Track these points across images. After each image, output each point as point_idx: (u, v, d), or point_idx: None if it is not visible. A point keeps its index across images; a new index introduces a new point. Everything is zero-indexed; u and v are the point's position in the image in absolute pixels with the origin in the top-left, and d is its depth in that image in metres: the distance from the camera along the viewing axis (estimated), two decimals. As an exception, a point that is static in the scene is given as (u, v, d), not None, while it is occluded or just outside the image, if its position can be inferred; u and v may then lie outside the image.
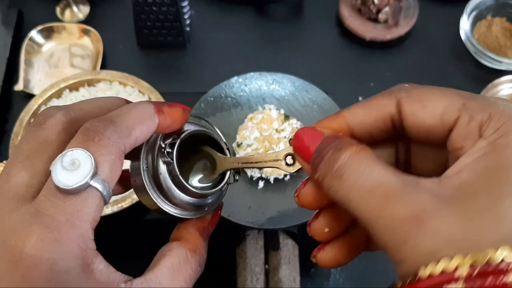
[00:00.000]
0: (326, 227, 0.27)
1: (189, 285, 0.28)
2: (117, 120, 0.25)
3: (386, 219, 0.20)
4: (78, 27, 0.68)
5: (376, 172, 0.22)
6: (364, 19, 0.69)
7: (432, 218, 0.19)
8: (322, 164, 0.23)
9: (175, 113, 0.28)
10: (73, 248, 0.23)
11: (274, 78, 0.50)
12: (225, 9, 0.73)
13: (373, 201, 0.21)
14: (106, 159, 0.23)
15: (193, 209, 0.31)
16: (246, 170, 0.45)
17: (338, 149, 0.23)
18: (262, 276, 0.50)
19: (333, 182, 0.23)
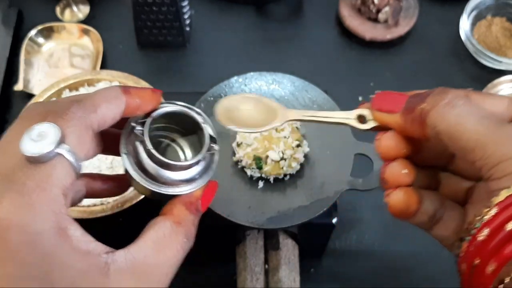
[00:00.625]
0: (404, 168, 0.29)
1: (177, 257, 0.28)
2: (82, 99, 0.27)
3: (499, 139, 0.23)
4: (78, 27, 0.68)
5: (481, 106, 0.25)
6: (364, 19, 0.69)
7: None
8: (431, 97, 0.26)
9: (143, 93, 0.30)
10: (45, 211, 0.23)
11: (274, 78, 0.50)
12: (225, 9, 0.73)
13: (486, 123, 0.24)
14: (72, 131, 0.25)
15: (180, 184, 0.31)
16: (246, 170, 0.45)
17: (444, 92, 0.26)
18: (262, 276, 0.50)
19: (446, 109, 0.26)
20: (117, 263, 0.25)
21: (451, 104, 0.25)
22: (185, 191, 0.32)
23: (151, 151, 0.30)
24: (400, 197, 0.29)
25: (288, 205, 0.44)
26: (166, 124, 0.35)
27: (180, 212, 0.30)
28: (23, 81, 0.63)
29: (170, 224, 0.29)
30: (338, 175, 0.45)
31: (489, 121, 0.24)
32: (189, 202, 0.31)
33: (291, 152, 0.45)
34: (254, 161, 0.44)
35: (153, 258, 0.27)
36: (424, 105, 0.26)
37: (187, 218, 0.30)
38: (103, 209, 0.47)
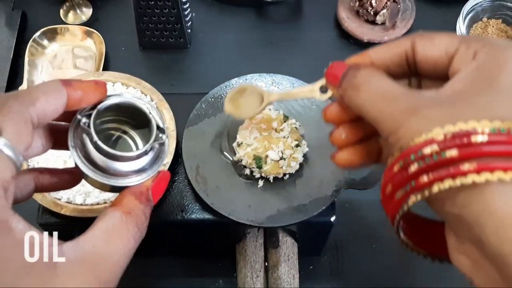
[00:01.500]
0: (343, 134, 0.33)
1: (127, 246, 0.28)
2: (20, 94, 0.27)
3: (390, 113, 0.26)
4: (81, 29, 0.69)
5: (386, 83, 0.28)
6: (362, 21, 0.70)
7: (425, 109, 0.25)
8: (345, 81, 0.30)
9: (84, 84, 0.30)
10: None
11: (274, 79, 0.51)
12: (225, 10, 0.74)
13: (382, 103, 0.27)
14: (8, 124, 0.25)
15: (130, 175, 0.31)
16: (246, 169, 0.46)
17: (357, 69, 0.29)
18: (262, 274, 0.51)
19: (352, 93, 0.29)
20: (66, 254, 0.25)
21: (357, 86, 0.28)
22: (135, 182, 0.31)
23: (98, 143, 0.30)
24: (342, 157, 0.33)
25: (287, 204, 0.45)
26: (116, 117, 0.35)
27: (130, 202, 0.30)
28: (27, 82, 0.64)
29: (120, 214, 0.28)
30: (337, 174, 0.46)
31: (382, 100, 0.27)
32: (139, 192, 0.31)
33: (290, 152, 0.45)
34: (254, 161, 0.45)
35: (103, 248, 0.26)
36: (340, 89, 0.30)
37: (137, 208, 0.30)
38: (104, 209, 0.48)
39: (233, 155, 0.47)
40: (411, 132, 0.24)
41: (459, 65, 0.27)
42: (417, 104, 0.25)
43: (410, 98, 0.26)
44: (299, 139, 0.47)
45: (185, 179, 0.47)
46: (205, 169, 0.46)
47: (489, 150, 0.22)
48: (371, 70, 0.29)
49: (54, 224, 0.46)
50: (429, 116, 0.24)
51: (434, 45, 0.28)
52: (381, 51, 0.31)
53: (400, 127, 0.25)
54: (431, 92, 0.26)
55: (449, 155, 0.23)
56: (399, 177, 0.25)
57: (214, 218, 0.46)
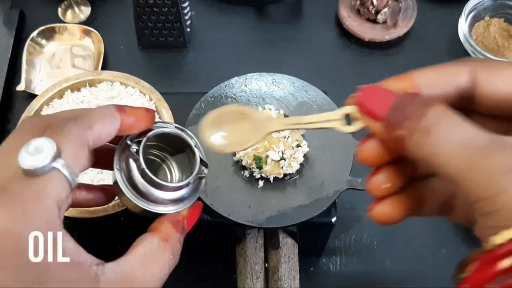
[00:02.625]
0: (386, 182, 0.26)
1: (163, 272, 0.29)
2: (78, 117, 0.28)
3: (481, 171, 0.20)
4: (80, 28, 0.69)
5: (465, 128, 0.22)
6: (363, 20, 0.70)
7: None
8: (409, 121, 0.23)
9: (137, 111, 0.31)
10: (39, 222, 0.24)
11: (274, 79, 0.50)
12: (225, 10, 0.73)
13: (466, 154, 0.21)
14: (68, 146, 0.26)
15: (169, 204, 0.33)
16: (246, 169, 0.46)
17: (426, 105, 0.23)
18: (262, 275, 0.51)
19: (420, 139, 0.22)
20: (107, 275, 0.26)
21: (428, 131, 0.22)
22: (172, 210, 0.33)
23: (145, 171, 0.31)
24: (383, 211, 0.27)
25: (288, 205, 0.44)
26: (156, 143, 0.36)
27: (167, 229, 0.31)
28: (25, 82, 0.64)
29: (158, 240, 0.30)
30: (338, 175, 0.45)
31: (466, 151, 0.21)
32: (176, 220, 0.32)
33: (291, 152, 0.45)
34: (254, 161, 0.45)
35: (140, 271, 0.28)
36: (400, 131, 0.23)
37: (174, 236, 0.31)
38: (104, 209, 0.47)
39: (233, 155, 0.46)
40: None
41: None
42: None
43: (504, 150, 0.21)
44: (299, 139, 0.46)
45: (184, 179, 0.47)
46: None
47: None
48: (444, 108, 0.22)
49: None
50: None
51: (502, 78, 0.23)
52: (431, 78, 0.25)
53: (500, 193, 0.20)
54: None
55: None
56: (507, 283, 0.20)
57: (213, 219, 0.45)
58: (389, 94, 0.24)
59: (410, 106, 0.23)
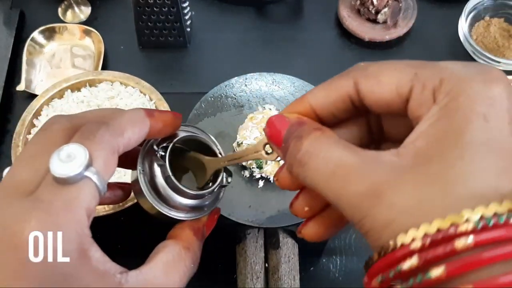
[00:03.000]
0: (305, 206, 0.28)
1: (183, 280, 0.29)
2: (110, 122, 0.27)
3: (348, 197, 0.22)
4: (80, 28, 0.69)
5: (335, 154, 0.23)
6: (363, 20, 0.70)
7: (388, 191, 0.20)
8: (287, 155, 0.25)
9: (166, 117, 0.31)
10: (70, 232, 0.24)
11: (274, 79, 0.50)
12: (225, 10, 0.73)
13: (335, 183, 0.22)
14: (99, 154, 0.25)
15: (189, 210, 0.32)
16: (246, 169, 0.46)
17: (299, 138, 0.24)
18: (262, 275, 0.51)
19: (299, 171, 0.24)
20: (130, 283, 0.26)
21: (302, 163, 0.23)
22: (192, 217, 0.32)
23: (171, 177, 0.31)
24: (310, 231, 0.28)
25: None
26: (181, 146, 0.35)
27: (189, 237, 0.31)
28: (25, 82, 0.64)
29: (180, 249, 0.30)
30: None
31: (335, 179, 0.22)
32: (197, 228, 0.32)
33: (291, 152, 0.45)
34: (254, 161, 0.45)
35: (162, 279, 0.28)
36: (286, 165, 0.25)
37: (195, 244, 0.31)
38: (104, 209, 0.47)
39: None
40: (379, 226, 0.20)
41: (419, 111, 0.22)
42: (376, 182, 0.21)
43: (366, 174, 0.21)
44: (299, 139, 0.46)
45: (184, 179, 0.47)
46: (204, 169, 0.46)
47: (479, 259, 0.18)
48: (315, 137, 0.24)
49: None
50: (395, 204, 0.20)
51: (382, 85, 0.24)
52: (320, 97, 0.26)
53: (363, 217, 0.21)
54: (391, 155, 0.22)
55: (435, 276, 0.19)
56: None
57: (213, 219, 0.45)
58: (286, 123, 0.26)
59: (290, 139, 0.25)
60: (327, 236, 0.28)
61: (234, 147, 0.46)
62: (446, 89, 0.21)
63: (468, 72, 0.22)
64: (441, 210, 0.19)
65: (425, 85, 0.22)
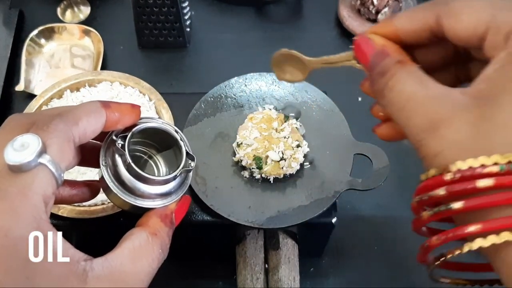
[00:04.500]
0: (380, 111, 0.31)
1: (152, 266, 0.29)
2: (63, 113, 0.28)
3: (411, 128, 0.25)
4: (79, 28, 0.69)
5: (408, 89, 0.25)
6: (363, 20, 0.70)
7: (443, 126, 0.23)
8: (374, 85, 0.28)
9: (123, 107, 0.31)
10: (26, 217, 0.24)
11: (274, 79, 0.50)
12: (225, 10, 0.73)
13: (404, 114, 0.25)
14: (53, 142, 0.26)
15: (156, 198, 0.33)
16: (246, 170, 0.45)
17: (383, 73, 0.27)
18: (262, 276, 0.51)
19: (379, 99, 0.27)
20: (95, 270, 0.26)
21: (382, 94, 0.27)
22: (160, 205, 0.33)
23: (131, 165, 0.31)
24: (382, 131, 0.32)
25: (288, 205, 0.44)
26: (143, 139, 0.36)
27: (156, 224, 0.31)
28: (25, 82, 0.63)
29: (146, 235, 0.30)
30: (338, 175, 0.45)
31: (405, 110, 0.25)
32: (164, 214, 0.32)
33: (291, 152, 0.45)
34: (254, 161, 0.44)
35: (129, 266, 0.28)
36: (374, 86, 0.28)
37: (162, 230, 0.31)
38: (103, 209, 0.47)
39: (232, 156, 0.46)
40: (430, 154, 0.24)
41: (491, 52, 0.24)
42: (436, 118, 0.24)
43: (431, 108, 0.24)
44: (299, 139, 0.46)
45: (184, 180, 0.46)
46: (204, 170, 0.46)
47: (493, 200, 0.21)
48: (397, 68, 0.26)
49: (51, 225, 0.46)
50: (447, 138, 0.23)
51: (462, 25, 0.25)
52: (405, 23, 0.28)
53: (421, 145, 0.24)
54: (458, 93, 0.24)
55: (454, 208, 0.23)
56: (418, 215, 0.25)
57: (213, 219, 0.45)
58: (370, 48, 0.28)
59: (376, 69, 0.27)
60: (396, 138, 0.31)
61: (234, 147, 0.46)
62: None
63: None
64: (478, 151, 0.22)
65: (500, 29, 0.24)
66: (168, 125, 0.35)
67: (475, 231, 0.22)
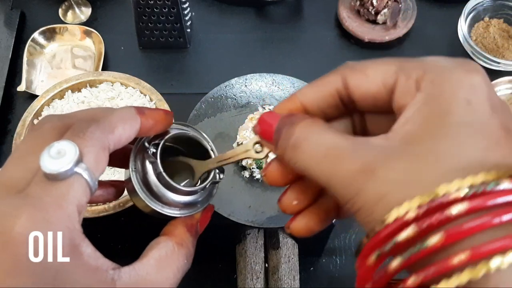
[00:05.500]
0: (294, 200, 0.28)
1: (177, 276, 0.29)
2: (100, 120, 0.27)
3: (340, 176, 0.22)
4: (80, 29, 0.69)
5: (327, 138, 0.24)
6: (362, 21, 0.70)
7: (380, 168, 0.21)
8: (281, 140, 0.26)
9: (156, 114, 0.31)
10: (60, 227, 0.24)
11: (274, 79, 0.50)
12: (225, 10, 0.74)
13: (327, 164, 0.23)
14: (90, 150, 0.26)
15: (182, 207, 0.32)
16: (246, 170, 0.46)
17: (292, 124, 0.25)
18: (262, 275, 0.51)
19: (292, 155, 0.25)
20: (123, 279, 0.26)
21: (295, 147, 0.24)
22: (185, 214, 0.33)
23: (162, 174, 0.31)
24: (299, 226, 0.28)
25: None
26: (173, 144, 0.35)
27: (182, 233, 0.31)
28: (26, 82, 0.64)
29: (173, 245, 0.30)
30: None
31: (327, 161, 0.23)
32: (190, 224, 0.32)
33: (290, 152, 0.45)
34: (254, 161, 0.45)
35: (155, 275, 0.28)
36: (278, 151, 0.26)
37: (188, 240, 0.31)
38: (105, 209, 0.47)
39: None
40: (373, 201, 0.21)
41: (403, 100, 0.23)
42: (369, 161, 0.22)
43: (359, 153, 0.22)
44: (299, 139, 0.46)
45: (184, 179, 0.47)
46: (204, 170, 0.46)
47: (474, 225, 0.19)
48: (307, 123, 0.25)
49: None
50: (388, 178, 0.21)
51: (368, 79, 0.25)
52: (310, 93, 0.27)
53: (356, 194, 0.22)
54: (380, 139, 0.23)
55: (433, 244, 0.19)
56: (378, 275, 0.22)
57: (213, 219, 0.45)
58: (277, 117, 0.27)
59: (282, 128, 0.26)
60: (315, 230, 0.28)
61: (234, 147, 0.46)
62: (430, 78, 0.23)
63: (450, 63, 0.24)
64: (433, 182, 0.20)
65: (409, 75, 0.23)
66: (200, 133, 0.34)
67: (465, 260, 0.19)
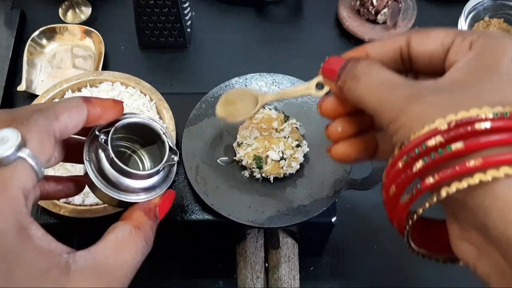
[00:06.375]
0: (339, 127, 0.32)
1: (135, 259, 0.29)
2: (44, 108, 0.28)
3: (390, 101, 0.26)
4: (80, 28, 0.69)
5: (384, 73, 0.27)
6: (363, 21, 0.70)
7: (426, 96, 0.24)
8: (344, 73, 0.29)
9: (104, 102, 0.32)
10: (5, 210, 0.24)
11: (274, 79, 0.50)
12: (225, 10, 0.74)
13: (381, 91, 0.26)
14: (33, 136, 0.26)
15: (140, 192, 0.33)
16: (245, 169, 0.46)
17: (356, 61, 0.29)
18: (262, 275, 0.51)
19: (351, 84, 0.28)
20: (78, 262, 0.26)
21: (355, 78, 0.28)
22: (144, 199, 0.33)
23: (114, 160, 0.31)
24: (338, 150, 0.33)
25: (288, 205, 0.44)
26: (127, 135, 0.36)
27: (139, 217, 0.32)
28: (26, 82, 0.64)
29: (129, 228, 0.30)
30: (338, 175, 0.46)
31: (381, 89, 0.27)
32: (148, 208, 0.33)
33: (291, 152, 0.45)
34: (254, 161, 0.45)
35: (113, 258, 0.28)
36: (340, 81, 0.30)
37: (146, 223, 0.32)
38: (104, 209, 0.47)
39: (233, 155, 0.47)
40: (413, 119, 0.24)
41: (456, 57, 0.27)
42: (418, 92, 0.25)
43: (410, 86, 0.26)
44: (299, 139, 0.47)
45: (184, 179, 0.47)
46: (205, 170, 0.46)
47: (493, 140, 0.22)
48: (371, 61, 0.29)
49: (52, 224, 0.46)
50: (431, 103, 0.24)
51: (430, 39, 0.28)
52: (377, 46, 0.31)
53: (401, 114, 0.25)
54: (430, 82, 0.26)
55: (455, 148, 0.22)
56: (403, 176, 0.24)
57: (214, 218, 0.45)
58: (341, 60, 0.31)
59: (348, 64, 0.29)
60: (352, 157, 0.32)
61: (235, 147, 0.46)
62: (482, 41, 0.26)
63: (500, 34, 0.27)
64: (467, 107, 0.23)
65: (465, 37, 0.27)
66: (152, 120, 0.35)
67: (477, 165, 0.22)
